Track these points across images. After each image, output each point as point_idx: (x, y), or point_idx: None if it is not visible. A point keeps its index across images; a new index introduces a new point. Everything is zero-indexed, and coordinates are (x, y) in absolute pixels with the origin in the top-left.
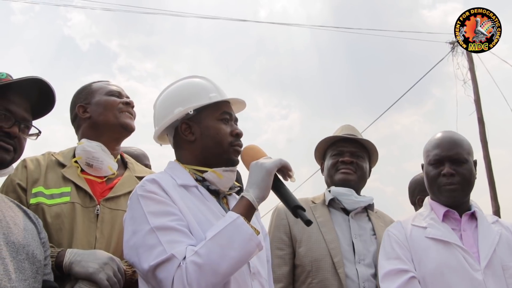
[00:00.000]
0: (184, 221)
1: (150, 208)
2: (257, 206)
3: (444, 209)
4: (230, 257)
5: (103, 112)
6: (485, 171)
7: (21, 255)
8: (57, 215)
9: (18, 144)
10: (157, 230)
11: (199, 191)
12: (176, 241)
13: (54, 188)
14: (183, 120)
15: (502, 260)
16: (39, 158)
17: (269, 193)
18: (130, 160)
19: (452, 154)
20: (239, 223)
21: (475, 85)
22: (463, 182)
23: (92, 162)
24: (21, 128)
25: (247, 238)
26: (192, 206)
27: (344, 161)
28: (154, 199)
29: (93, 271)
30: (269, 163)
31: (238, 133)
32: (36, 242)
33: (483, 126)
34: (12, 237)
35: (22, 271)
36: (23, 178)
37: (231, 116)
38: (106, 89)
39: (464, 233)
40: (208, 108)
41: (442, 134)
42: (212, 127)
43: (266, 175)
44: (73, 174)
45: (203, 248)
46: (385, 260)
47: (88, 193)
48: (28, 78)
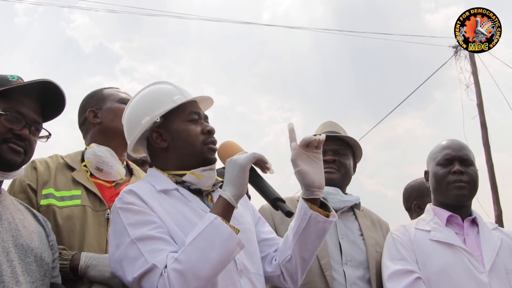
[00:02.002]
0: (164, 227)
1: (129, 220)
2: (235, 203)
3: (447, 213)
4: (211, 259)
5: (114, 119)
6: (488, 175)
7: (29, 257)
8: (68, 217)
9: (29, 146)
10: (138, 241)
11: (180, 193)
12: (157, 250)
13: (64, 191)
14: (153, 129)
15: (505, 263)
16: (47, 160)
17: (247, 188)
18: (135, 167)
19: (461, 154)
20: (217, 224)
21: (478, 89)
22: (471, 182)
23: (102, 167)
24: (31, 130)
25: (227, 238)
26: (172, 211)
27: (327, 160)
28: (132, 210)
29: (109, 275)
30: (242, 159)
31: (209, 130)
32: (44, 245)
33: (485, 130)
34: (20, 239)
35: (30, 274)
36: (33, 179)
37: (200, 115)
38: (117, 96)
39: (467, 237)
40: (175, 112)
41: (448, 139)
42: (182, 129)
43: (240, 171)
44: (83, 178)
45: (183, 254)
46: (390, 261)
47: (98, 197)
48: (39, 81)
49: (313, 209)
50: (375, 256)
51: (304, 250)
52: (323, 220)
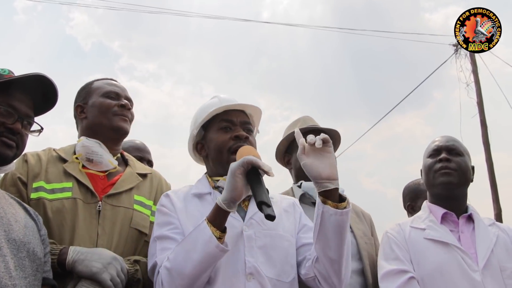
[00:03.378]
0: (180, 229)
1: (157, 220)
2: (225, 207)
3: (442, 211)
4: (193, 259)
5: (97, 115)
6: (487, 173)
7: (22, 252)
8: (58, 210)
9: (21, 140)
10: (157, 240)
11: (212, 197)
12: (165, 249)
13: (55, 183)
14: (197, 140)
15: (499, 261)
16: (40, 153)
17: (241, 192)
18: (130, 158)
19: (449, 144)
20: (202, 227)
21: (478, 87)
22: (458, 170)
23: (92, 157)
24: (23, 124)
25: (206, 240)
26: (195, 213)
27: None
28: (161, 212)
29: (96, 270)
30: (233, 164)
31: (237, 135)
32: (36, 240)
33: (485, 129)
34: (13, 234)
35: (22, 269)
36: (24, 172)
37: (233, 122)
38: (103, 89)
39: (462, 235)
40: (211, 123)
41: (442, 135)
42: (213, 138)
43: (231, 176)
44: (74, 169)
45: (172, 253)
46: (384, 260)
47: (90, 189)
48: (31, 75)
49: (325, 202)
50: (365, 247)
51: (327, 248)
52: (334, 212)
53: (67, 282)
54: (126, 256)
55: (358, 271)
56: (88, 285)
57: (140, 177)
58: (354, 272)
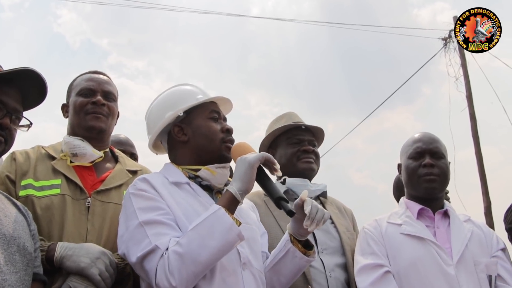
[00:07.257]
0: (171, 215)
1: (139, 205)
2: (240, 198)
3: (418, 206)
4: (210, 246)
5: (73, 114)
6: (477, 167)
7: (12, 247)
8: (47, 207)
9: (9, 135)
10: (145, 225)
11: (191, 187)
12: (161, 234)
13: (44, 180)
14: (175, 123)
15: (473, 255)
16: (28, 151)
17: (253, 185)
18: (120, 154)
19: (432, 147)
20: (220, 214)
21: (467, 81)
22: (441, 175)
23: (75, 151)
24: (12, 119)
25: (227, 228)
26: (182, 201)
27: (306, 150)
28: (143, 196)
29: (85, 265)
30: (251, 157)
31: (228, 129)
32: (26, 235)
33: (475, 122)
34: (3, 229)
35: (13, 264)
36: (12, 171)
37: (220, 115)
38: (79, 87)
39: (437, 230)
40: (197, 109)
41: (421, 133)
42: (203, 125)
43: (248, 168)
44: (63, 166)
45: (184, 238)
46: (360, 255)
47: (79, 186)
48: (19, 69)
49: (294, 243)
50: (348, 242)
51: (281, 276)
52: (300, 256)
53: (56, 278)
54: (115, 252)
55: (341, 266)
56: (77, 280)
57: (130, 174)
58: (338, 267)
